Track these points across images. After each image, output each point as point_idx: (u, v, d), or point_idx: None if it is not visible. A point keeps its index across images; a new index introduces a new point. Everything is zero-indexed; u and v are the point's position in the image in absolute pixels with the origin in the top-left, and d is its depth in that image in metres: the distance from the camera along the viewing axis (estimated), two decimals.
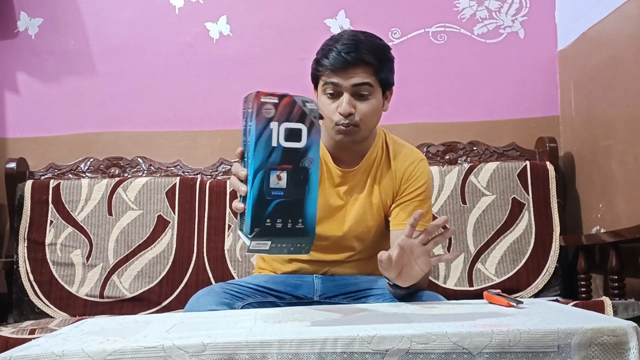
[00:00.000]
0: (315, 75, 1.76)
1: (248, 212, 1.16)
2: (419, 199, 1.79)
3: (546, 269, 2.48)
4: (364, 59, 1.67)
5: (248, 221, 1.15)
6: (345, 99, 1.68)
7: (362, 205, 1.80)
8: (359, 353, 1.06)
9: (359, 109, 1.70)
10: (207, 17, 2.86)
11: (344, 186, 1.82)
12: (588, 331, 1.08)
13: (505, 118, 2.82)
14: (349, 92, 1.68)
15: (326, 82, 1.70)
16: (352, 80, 1.68)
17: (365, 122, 1.72)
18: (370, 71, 1.69)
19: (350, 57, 1.66)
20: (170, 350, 1.04)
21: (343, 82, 1.68)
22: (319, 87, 1.75)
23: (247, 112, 1.21)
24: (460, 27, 2.84)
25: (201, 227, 2.57)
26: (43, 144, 2.83)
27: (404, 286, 1.53)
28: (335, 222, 1.81)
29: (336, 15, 2.83)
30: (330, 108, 1.71)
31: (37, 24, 2.86)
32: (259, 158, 1.16)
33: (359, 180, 1.82)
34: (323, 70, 1.70)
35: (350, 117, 1.69)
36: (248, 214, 1.16)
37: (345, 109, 1.67)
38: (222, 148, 2.80)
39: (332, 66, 1.67)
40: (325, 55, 1.70)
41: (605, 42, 2.41)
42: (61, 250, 2.54)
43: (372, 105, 1.71)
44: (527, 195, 2.54)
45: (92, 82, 2.85)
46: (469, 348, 1.07)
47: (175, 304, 2.46)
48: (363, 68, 1.68)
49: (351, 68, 1.67)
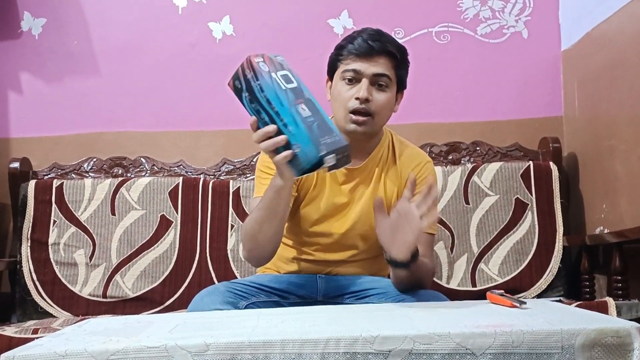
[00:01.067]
0: (335, 61, 1.78)
1: (307, 141, 1.36)
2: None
3: (549, 270, 2.48)
4: (388, 49, 1.73)
5: (313, 147, 1.35)
6: (364, 84, 1.71)
7: (367, 203, 1.80)
8: (361, 353, 1.06)
9: (376, 99, 1.73)
10: (210, 17, 2.86)
11: (349, 184, 1.82)
12: (592, 332, 1.08)
13: (509, 118, 2.81)
14: (369, 79, 1.72)
15: (347, 68, 1.73)
16: (374, 68, 1.72)
17: (379, 113, 1.74)
18: (391, 64, 1.74)
19: (376, 45, 1.71)
20: (173, 350, 1.04)
21: (365, 69, 1.72)
22: (337, 73, 1.78)
23: (247, 78, 1.42)
24: (463, 27, 2.84)
25: (204, 227, 2.56)
26: (46, 144, 2.83)
27: (400, 259, 1.52)
28: (339, 220, 1.82)
29: (339, 15, 2.83)
30: (347, 94, 1.73)
31: (41, 24, 2.86)
32: (285, 100, 1.38)
33: (365, 179, 1.83)
34: (346, 55, 1.74)
35: (366, 103, 1.71)
36: (308, 142, 1.36)
37: (364, 94, 1.70)
38: (225, 148, 2.79)
39: (357, 51, 1.71)
40: (350, 42, 1.74)
41: (609, 42, 2.41)
42: (64, 250, 2.54)
43: (387, 97, 1.75)
44: (531, 195, 2.54)
45: (95, 82, 2.85)
46: (472, 349, 1.06)
47: (178, 304, 2.47)
48: (385, 59, 1.73)
49: (375, 56, 1.71)
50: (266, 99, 1.39)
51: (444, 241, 2.51)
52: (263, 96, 1.39)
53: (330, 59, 1.81)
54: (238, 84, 1.43)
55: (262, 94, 1.39)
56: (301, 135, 1.37)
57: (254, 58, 1.42)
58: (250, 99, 1.41)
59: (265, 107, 1.40)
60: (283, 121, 1.38)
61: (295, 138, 1.38)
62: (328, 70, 1.83)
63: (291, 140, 1.38)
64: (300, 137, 1.37)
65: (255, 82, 1.40)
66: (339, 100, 1.75)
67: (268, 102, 1.39)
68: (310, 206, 1.82)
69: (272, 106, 1.39)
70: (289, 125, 1.37)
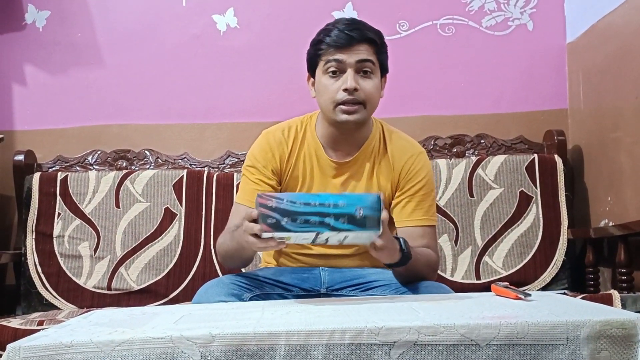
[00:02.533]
0: (314, 56, 1.74)
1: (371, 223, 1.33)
2: (421, 193, 1.78)
3: (554, 262, 2.47)
4: (367, 36, 1.69)
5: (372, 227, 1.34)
6: (350, 74, 1.68)
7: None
8: (366, 344, 1.06)
9: (363, 87, 1.69)
10: (214, 9, 2.85)
11: (341, 177, 1.80)
12: (597, 324, 1.07)
13: (513, 111, 2.80)
14: (353, 68, 1.68)
15: (329, 59, 1.69)
16: (357, 56, 1.68)
17: (370, 100, 1.71)
18: (372, 50, 1.70)
19: (355, 34, 1.67)
20: (179, 341, 1.05)
21: (347, 58, 1.68)
22: (319, 68, 1.73)
23: (274, 207, 1.32)
24: (468, 19, 2.83)
25: (208, 220, 2.57)
26: (51, 137, 2.83)
27: (389, 262, 1.55)
28: None
29: (344, 7, 2.82)
30: (333, 87, 1.70)
31: (45, 17, 2.86)
32: (314, 194, 1.46)
33: (357, 171, 1.81)
34: (326, 48, 1.69)
35: (355, 92, 1.68)
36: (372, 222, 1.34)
37: (351, 84, 1.67)
38: (229, 140, 2.79)
39: (335, 43, 1.67)
40: (326, 34, 1.70)
41: (614, 34, 2.40)
42: (69, 242, 2.54)
43: (375, 83, 1.72)
44: (535, 188, 2.53)
45: (100, 75, 2.85)
46: (476, 340, 1.06)
47: (182, 296, 2.47)
48: (366, 46, 1.69)
49: (355, 44, 1.67)
50: (304, 203, 1.32)
51: (448, 234, 2.51)
52: (300, 204, 1.32)
53: (308, 55, 1.77)
54: (271, 220, 1.31)
55: (298, 203, 1.32)
56: (358, 197, 1.35)
57: (261, 198, 1.33)
58: (293, 219, 1.31)
59: (308, 211, 1.32)
60: (331, 204, 1.32)
61: (355, 201, 1.33)
62: (308, 67, 1.79)
63: (350, 211, 1.32)
64: (359, 199, 1.33)
65: (282, 202, 1.32)
66: (326, 94, 1.71)
67: (307, 204, 1.32)
68: None
69: (315, 203, 1.32)
70: (340, 200, 1.32)
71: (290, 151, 1.80)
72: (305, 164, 1.80)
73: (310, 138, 1.82)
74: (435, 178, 2.55)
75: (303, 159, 1.81)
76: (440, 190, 2.55)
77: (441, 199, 2.54)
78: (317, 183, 1.80)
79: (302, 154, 1.81)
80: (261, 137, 1.85)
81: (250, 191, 1.77)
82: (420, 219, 1.77)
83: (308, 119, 1.85)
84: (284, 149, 1.80)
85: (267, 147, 1.81)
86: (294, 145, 1.81)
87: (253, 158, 1.82)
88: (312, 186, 1.80)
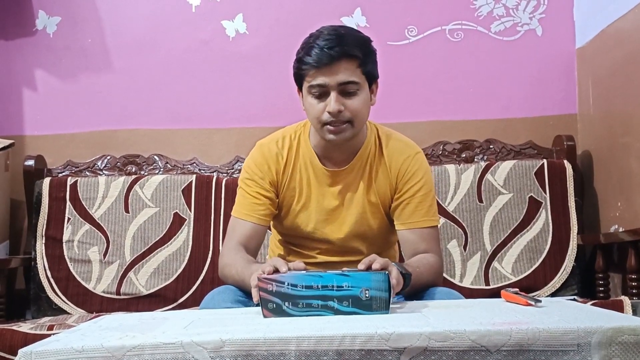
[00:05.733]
0: (299, 75, 1.70)
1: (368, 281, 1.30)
2: (420, 194, 1.76)
3: (563, 268, 2.46)
4: (349, 53, 1.62)
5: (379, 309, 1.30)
6: (333, 97, 1.63)
7: (361, 204, 1.78)
8: (377, 350, 1.05)
9: (349, 106, 1.65)
10: (223, 15, 2.86)
11: (338, 186, 1.78)
12: (608, 330, 1.07)
13: (523, 116, 2.80)
14: (336, 90, 1.64)
15: (311, 84, 1.65)
16: (338, 77, 1.63)
17: (357, 118, 1.67)
18: (355, 65, 1.64)
19: (334, 52, 1.61)
20: (189, 347, 1.05)
21: (329, 80, 1.63)
22: (303, 88, 1.70)
23: (274, 291, 1.30)
24: (477, 24, 2.83)
25: (217, 225, 2.57)
26: (61, 142, 2.85)
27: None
28: (334, 224, 1.79)
29: (352, 13, 2.82)
30: (318, 108, 1.66)
31: (55, 22, 2.88)
32: (318, 275, 1.31)
33: (354, 179, 1.79)
34: (307, 68, 1.64)
35: (340, 114, 1.64)
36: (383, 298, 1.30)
37: (334, 108, 1.63)
38: (238, 146, 2.80)
39: (316, 63, 1.62)
40: (307, 53, 1.64)
41: (624, 39, 2.39)
42: (78, 247, 2.55)
43: (361, 100, 1.67)
44: (545, 193, 2.53)
45: (109, 80, 2.87)
46: (487, 346, 1.06)
47: (191, 301, 2.47)
48: (348, 63, 1.63)
49: (336, 63, 1.62)
50: (305, 286, 1.29)
51: (457, 239, 2.50)
52: (301, 287, 1.29)
53: (293, 72, 1.72)
54: (272, 305, 1.29)
55: (299, 286, 1.29)
56: (363, 277, 1.30)
57: (261, 282, 1.31)
58: (294, 303, 1.29)
59: (310, 294, 1.29)
60: (335, 287, 1.29)
61: (360, 282, 1.30)
62: (295, 82, 1.74)
63: (354, 293, 1.30)
64: (364, 279, 1.30)
65: (283, 286, 1.29)
66: (312, 114, 1.69)
67: (309, 287, 1.29)
68: (303, 214, 1.80)
69: (317, 286, 1.29)
70: (345, 282, 1.29)
71: (285, 163, 1.79)
72: (301, 175, 1.79)
73: (305, 148, 1.80)
74: (444, 183, 2.55)
75: (299, 170, 1.79)
76: (449, 196, 2.54)
77: (450, 204, 2.53)
78: (314, 193, 1.78)
79: (298, 164, 1.79)
80: (255, 150, 1.84)
81: (248, 205, 1.76)
82: (420, 221, 1.75)
83: (301, 127, 1.83)
84: (279, 160, 1.79)
85: (262, 160, 1.79)
86: (289, 157, 1.79)
87: (250, 171, 1.80)
88: (310, 196, 1.78)
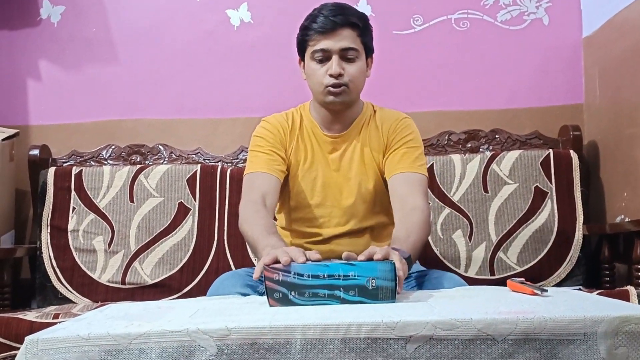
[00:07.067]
0: (302, 42, 1.87)
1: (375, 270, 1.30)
2: (408, 145, 1.89)
3: (569, 258, 2.46)
4: (351, 20, 1.81)
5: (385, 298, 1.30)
6: (334, 60, 1.80)
7: (358, 167, 1.91)
8: (382, 339, 1.06)
9: (347, 71, 1.82)
10: (228, 5, 2.85)
11: (337, 152, 1.92)
12: (615, 319, 1.06)
13: (528, 106, 2.79)
14: (338, 54, 1.81)
15: (315, 49, 1.82)
16: (340, 43, 1.80)
17: (354, 82, 1.83)
18: (356, 34, 1.82)
19: (338, 19, 1.79)
20: (195, 335, 1.05)
21: (332, 46, 1.80)
22: (307, 53, 1.86)
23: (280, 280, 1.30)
24: (483, 13, 2.81)
25: (222, 215, 2.57)
26: (65, 131, 2.85)
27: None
28: (336, 188, 1.91)
29: (358, 2, 2.81)
30: (320, 72, 1.83)
31: (60, 12, 2.87)
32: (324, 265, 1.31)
33: (350, 145, 1.92)
34: (312, 34, 1.82)
35: (340, 77, 1.81)
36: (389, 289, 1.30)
37: (336, 70, 1.80)
38: (242, 136, 2.78)
39: (321, 29, 1.80)
40: (313, 21, 1.83)
41: (631, 29, 2.37)
42: (83, 236, 2.56)
43: (358, 67, 1.84)
44: (550, 183, 2.52)
45: (114, 70, 2.86)
46: (493, 335, 1.06)
47: (196, 290, 2.47)
48: (349, 30, 1.81)
49: (339, 29, 1.80)
50: (312, 275, 1.29)
51: (462, 229, 2.50)
52: (307, 276, 1.29)
53: (297, 40, 1.90)
54: (278, 294, 1.29)
55: (306, 275, 1.30)
56: (369, 267, 1.30)
57: (267, 272, 1.30)
58: (300, 293, 1.28)
59: (316, 284, 1.29)
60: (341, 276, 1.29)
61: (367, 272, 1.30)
62: (298, 51, 1.91)
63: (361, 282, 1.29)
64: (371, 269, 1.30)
65: (289, 275, 1.29)
66: (314, 79, 1.84)
67: (315, 276, 1.29)
68: (308, 178, 1.92)
69: (323, 275, 1.29)
70: (351, 271, 1.29)
71: (291, 129, 1.95)
72: (305, 140, 1.94)
73: (307, 119, 1.96)
74: (449, 173, 2.55)
75: (304, 136, 1.94)
76: (454, 186, 2.54)
77: (455, 194, 2.53)
78: (317, 157, 1.92)
79: (303, 131, 1.95)
80: (262, 122, 1.99)
81: (263, 161, 1.88)
82: (407, 166, 1.85)
83: (302, 107, 2.00)
84: (285, 126, 1.95)
85: (271, 125, 1.95)
86: (293, 125, 1.96)
87: (260, 134, 1.95)
88: (313, 161, 1.92)
